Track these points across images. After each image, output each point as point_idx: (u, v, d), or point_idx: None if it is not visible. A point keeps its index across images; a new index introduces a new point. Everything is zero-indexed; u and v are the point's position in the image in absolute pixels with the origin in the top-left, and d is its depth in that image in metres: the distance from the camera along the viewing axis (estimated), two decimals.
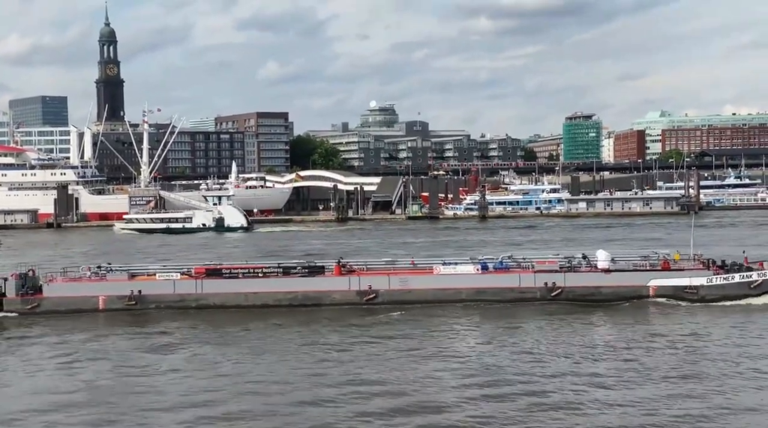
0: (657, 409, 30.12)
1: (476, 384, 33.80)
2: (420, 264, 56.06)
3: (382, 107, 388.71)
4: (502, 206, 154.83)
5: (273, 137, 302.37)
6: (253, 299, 52.30)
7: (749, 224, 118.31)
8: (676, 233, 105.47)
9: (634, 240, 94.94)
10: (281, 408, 31.52)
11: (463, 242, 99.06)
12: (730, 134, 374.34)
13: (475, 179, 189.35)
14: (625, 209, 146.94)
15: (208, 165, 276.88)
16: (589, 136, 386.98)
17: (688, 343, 40.73)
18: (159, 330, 46.80)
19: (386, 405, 31.22)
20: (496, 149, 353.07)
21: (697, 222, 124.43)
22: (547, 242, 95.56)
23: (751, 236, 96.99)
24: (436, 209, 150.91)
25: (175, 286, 52.97)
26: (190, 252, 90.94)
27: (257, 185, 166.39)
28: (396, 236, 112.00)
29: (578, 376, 34.75)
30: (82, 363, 39.78)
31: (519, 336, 43.20)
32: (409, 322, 46.86)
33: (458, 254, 72.92)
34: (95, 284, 53.40)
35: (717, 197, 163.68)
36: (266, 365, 38.13)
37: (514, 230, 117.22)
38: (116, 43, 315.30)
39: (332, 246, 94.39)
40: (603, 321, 47.22)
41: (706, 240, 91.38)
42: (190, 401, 32.68)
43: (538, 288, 51.83)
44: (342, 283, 52.76)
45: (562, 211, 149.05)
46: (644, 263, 53.59)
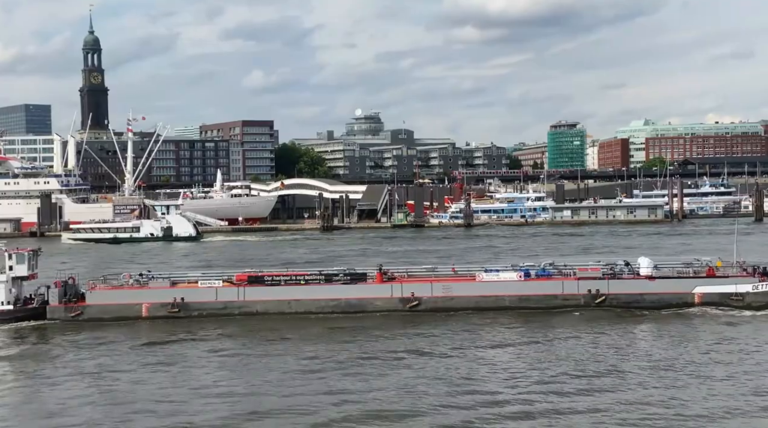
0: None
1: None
2: (461, 271, 56.07)
3: (368, 115, 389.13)
4: (487, 214, 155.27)
5: (258, 145, 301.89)
6: (296, 306, 52.42)
7: (732, 232, 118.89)
8: (660, 240, 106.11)
9: (618, 248, 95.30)
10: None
11: (448, 250, 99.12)
12: (713, 142, 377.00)
13: (460, 187, 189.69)
14: (610, 217, 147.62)
15: (192, 174, 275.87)
16: (573, 144, 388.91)
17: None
18: (218, 338, 46.68)
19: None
20: (481, 157, 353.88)
21: (679, 230, 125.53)
22: (531, 249, 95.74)
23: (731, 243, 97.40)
24: (421, 217, 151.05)
25: (218, 293, 53.01)
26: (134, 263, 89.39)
27: (242, 194, 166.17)
28: (380, 244, 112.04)
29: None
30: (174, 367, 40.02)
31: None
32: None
33: (443, 262, 72.92)
34: (138, 292, 53.40)
35: (700, 205, 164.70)
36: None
37: (499, 239, 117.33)
38: (100, 52, 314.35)
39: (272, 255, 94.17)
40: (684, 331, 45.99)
41: (687, 247, 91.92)
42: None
43: (581, 295, 51.74)
44: (384, 290, 52.81)
45: (547, 219, 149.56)
46: (687, 270, 53.33)
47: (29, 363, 42.12)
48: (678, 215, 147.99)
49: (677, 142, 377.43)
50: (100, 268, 79.74)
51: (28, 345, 46.32)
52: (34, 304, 52.46)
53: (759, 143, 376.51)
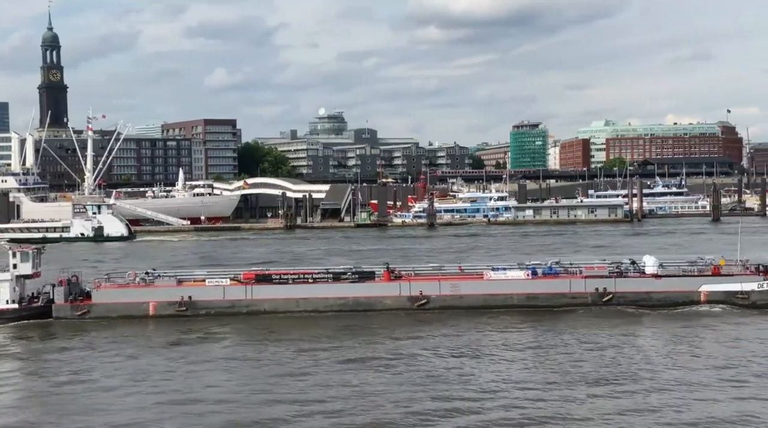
0: None
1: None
2: (467, 270, 56.21)
3: (331, 114, 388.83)
4: (450, 213, 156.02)
5: (221, 144, 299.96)
6: (304, 305, 52.24)
7: (688, 231, 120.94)
8: (621, 239, 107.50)
9: (581, 246, 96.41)
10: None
11: (411, 250, 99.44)
12: (672, 143, 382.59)
13: (423, 187, 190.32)
14: (571, 217, 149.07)
15: (154, 172, 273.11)
16: (535, 144, 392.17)
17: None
18: (225, 337, 46.42)
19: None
20: (445, 157, 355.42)
21: (639, 230, 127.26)
22: (495, 250, 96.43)
23: (689, 242, 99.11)
24: (384, 216, 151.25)
25: (225, 292, 52.79)
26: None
27: (205, 193, 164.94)
28: (343, 243, 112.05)
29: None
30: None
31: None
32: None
33: (405, 261, 73.13)
34: (145, 290, 53.11)
35: (659, 205, 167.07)
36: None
37: (462, 238, 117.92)
38: (59, 49, 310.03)
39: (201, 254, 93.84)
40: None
41: (648, 247, 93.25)
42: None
43: (589, 293, 52.01)
44: (393, 289, 52.85)
45: (510, 218, 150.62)
46: (692, 269, 53.72)
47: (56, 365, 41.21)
48: (638, 214, 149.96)
49: (637, 142, 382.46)
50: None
51: (51, 346, 45.42)
52: (39, 303, 51.83)
53: (716, 144, 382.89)
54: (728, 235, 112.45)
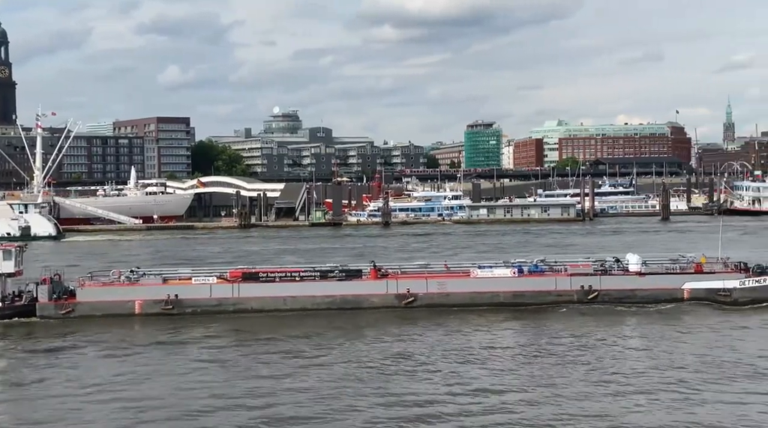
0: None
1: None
2: (453, 268, 56.32)
3: (286, 113, 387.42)
4: (405, 212, 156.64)
5: (174, 142, 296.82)
6: (292, 303, 52.00)
7: (638, 230, 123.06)
8: (573, 238, 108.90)
9: (535, 245, 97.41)
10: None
11: (366, 248, 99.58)
12: (623, 143, 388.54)
13: (378, 186, 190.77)
14: (524, 216, 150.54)
15: (105, 171, 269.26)
16: (489, 144, 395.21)
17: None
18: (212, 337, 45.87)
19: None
20: (399, 156, 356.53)
21: (590, 229, 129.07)
22: (450, 249, 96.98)
23: (640, 241, 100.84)
24: (339, 215, 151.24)
25: (212, 290, 52.36)
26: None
27: (157, 191, 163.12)
28: (297, 242, 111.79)
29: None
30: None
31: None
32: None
33: (360, 259, 73.15)
34: (130, 288, 52.52)
35: (611, 205, 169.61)
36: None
37: (416, 237, 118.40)
38: (7, 44, 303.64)
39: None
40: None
41: (600, 245, 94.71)
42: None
43: (574, 291, 52.25)
44: (380, 287, 52.73)
45: (464, 217, 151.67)
46: (675, 267, 54.28)
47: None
48: (589, 214, 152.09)
49: (589, 142, 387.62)
50: None
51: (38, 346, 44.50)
52: (22, 301, 50.88)
53: (665, 144, 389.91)
54: (678, 234, 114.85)
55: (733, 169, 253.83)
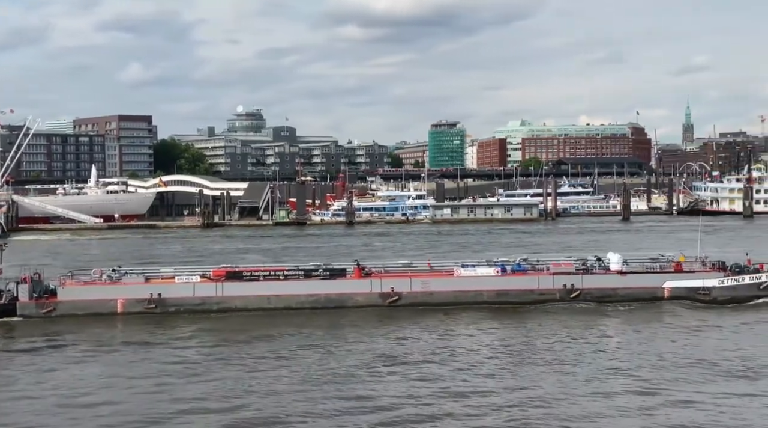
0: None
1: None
2: (436, 267, 56.34)
3: (250, 112, 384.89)
4: (369, 212, 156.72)
5: (136, 140, 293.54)
6: (276, 302, 51.88)
7: (600, 230, 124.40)
8: (536, 238, 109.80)
9: (498, 244, 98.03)
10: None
11: (329, 248, 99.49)
12: (585, 143, 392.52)
13: (342, 185, 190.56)
14: (488, 216, 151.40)
15: (66, 169, 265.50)
16: (453, 143, 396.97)
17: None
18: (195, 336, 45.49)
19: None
20: (364, 155, 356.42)
21: (553, 228, 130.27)
22: (414, 249, 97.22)
23: (601, 240, 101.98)
24: (303, 214, 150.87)
25: (195, 289, 52.05)
26: None
27: (119, 190, 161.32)
28: (260, 241, 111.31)
29: None
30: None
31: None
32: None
33: (324, 258, 73.01)
34: (113, 287, 52.12)
35: (573, 205, 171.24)
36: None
37: (380, 237, 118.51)
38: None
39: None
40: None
41: (565, 244, 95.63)
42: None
43: (557, 290, 52.64)
44: (364, 285, 52.77)
45: (428, 217, 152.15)
46: (655, 266, 54.81)
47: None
48: (551, 213, 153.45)
49: (552, 142, 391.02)
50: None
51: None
52: (3, 300, 50.15)
53: (626, 145, 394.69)
54: (639, 233, 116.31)
55: (692, 170, 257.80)
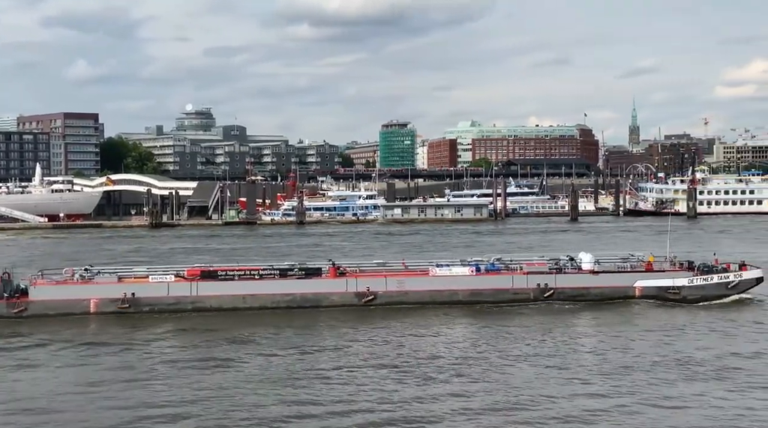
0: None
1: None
2: (411, 266, 56.30)
3: (199, 110, 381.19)
4: (319, 212, 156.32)
5: (82, 139, 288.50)
6: (251, 301, 51.41)
7: (548, 230, 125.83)
8: (486, 238, 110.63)
9: (448, 245, 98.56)
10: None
11: (280, 248, 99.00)
12: (534, 144, 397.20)
13: (293, 185, 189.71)
14: (438, 216, 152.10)
15: (9, 167, 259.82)
16: (404, 144, 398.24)
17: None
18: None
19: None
20: (314, 155, 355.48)
21: (503, 228, 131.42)
22: (364, 249, 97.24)
23: (552, 240, 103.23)
24: (253, 214, 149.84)
25: (170, 289, 51.38)
26: None
27: (64, 189, 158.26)
28: (209, 241, 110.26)
29: None
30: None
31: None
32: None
33: (274, 259, 72.69)
34: (85, 287, 51.22)
35: (522, 205, 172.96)
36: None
37: (330, 237, 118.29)
38: None
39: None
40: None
41: (518, 244, 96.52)
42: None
43: (531, 289, 52.81)
44: (339, 285, 52.47)
45: (378, 217, 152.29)
46: (626, 265, 55.35)
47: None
48: (501, 214, 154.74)
49: (501, 143, 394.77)
50: None
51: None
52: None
53: (574, 146, 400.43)
54: (587, 234, 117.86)
55: (638, 171, 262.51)
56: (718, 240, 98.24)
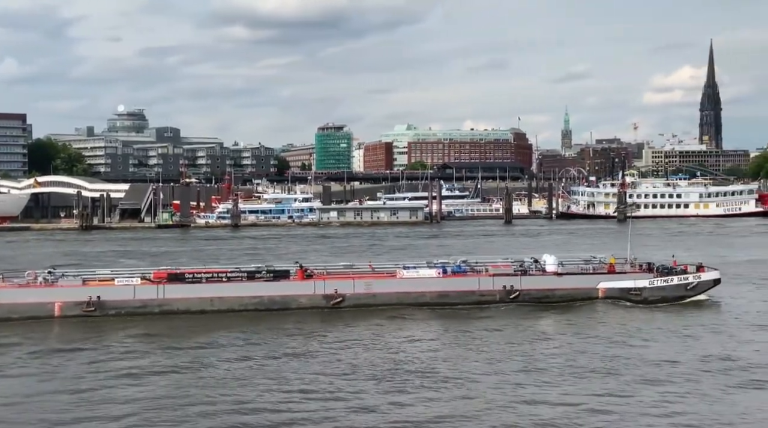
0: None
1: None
2: (378, 268, 56.13)
3: (132, 112, 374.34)
4: (254, 214, 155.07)
5: (8, 139, 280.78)
6: (219, 304, 50.64)
7: (483, 233, 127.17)
8: (422, 241, 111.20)
9: (383, 247, 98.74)
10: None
11: (214, 251, 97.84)
12: (469, 148, 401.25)
13: (227, 188, 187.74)
14: (374, 219, 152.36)
15: None
16: (340, 146, 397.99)
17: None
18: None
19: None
20: (250, 157, 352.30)
21: (438, 231, 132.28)
22: (302, 252, 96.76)
23: (488, 243, 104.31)
24: (187, 217, 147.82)
25: (136, 291, 50.38)
26: None
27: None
28: (141, 244, 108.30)
29: None
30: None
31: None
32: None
33: (208, 262, 71.77)
34: (49, 290, 49.90)
35: (457, 208, 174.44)
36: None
37: (264, 240, 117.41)
38: None
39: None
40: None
41: (455, 247, 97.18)
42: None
43: (497, 291, 52.89)
44: (308, 287, 52.06)
45: (314, 220, 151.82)
46: (588, 267, 55.81)
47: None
48: (437, 217, 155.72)
49: (437, 147, 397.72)
50: None
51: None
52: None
53: (509, 150, 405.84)
54: (521, 237, 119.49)
55: (571, 174, 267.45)
56: (647, 242, 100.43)
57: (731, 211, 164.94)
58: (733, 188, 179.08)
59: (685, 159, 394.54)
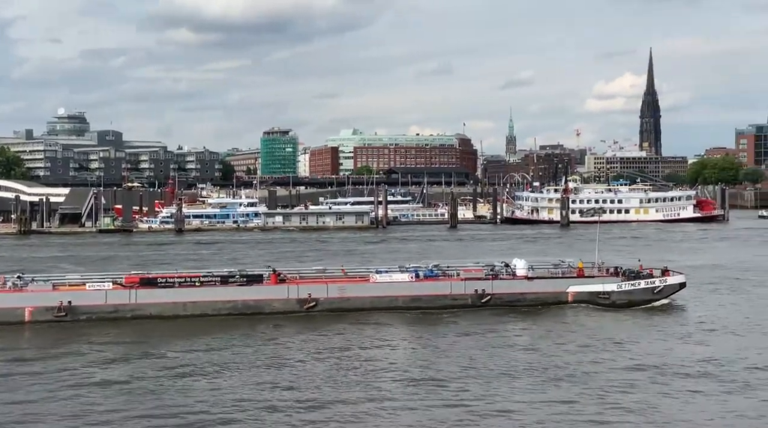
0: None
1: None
2: (351, 273, 56.06)
3: (72, 114, 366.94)
4: (199, 219, 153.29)
5: None
6: (192, 308, 50.16)
7: (429, 238, 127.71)
8: (367, 246, 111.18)
9: (328, 252, 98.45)
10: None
11: (159, 256, 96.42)
12: (415, 153, 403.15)
13: (171, 192, 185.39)
14: (320, 223, 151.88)
15: None
16: (286, 151, 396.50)
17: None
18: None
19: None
20: (194, 161, 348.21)
21: (384, 236, 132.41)
22: (246, 257, 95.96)
23: (435, 247, 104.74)
24: (129, 222, 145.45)
25: (107, 296, 49.62)
26: None
27: None
28: (81, 249, 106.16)
29: None
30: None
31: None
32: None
33: (159, 266, 70.66)
34: (18, 295, 49.13)
35: (403, 213, 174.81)
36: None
37: (208, 245, 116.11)
38: None
39: None
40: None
41: (403, 251, 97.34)
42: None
43: (469, 295, 53.24)
44: (281, 291, 51.83)
45: (259, 224, 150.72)
46: (558, 271, 56.36)
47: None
48: (383, 221, 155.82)
49: (383, 151, 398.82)
50: None
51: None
52: None
53: (454, 155, 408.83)
54: (466, 241, 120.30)
55: (515, 180, 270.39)
56: (590, 247, 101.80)
57: (670, 216, 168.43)
58: (672, 194, 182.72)
59: (625, 165, 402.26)
